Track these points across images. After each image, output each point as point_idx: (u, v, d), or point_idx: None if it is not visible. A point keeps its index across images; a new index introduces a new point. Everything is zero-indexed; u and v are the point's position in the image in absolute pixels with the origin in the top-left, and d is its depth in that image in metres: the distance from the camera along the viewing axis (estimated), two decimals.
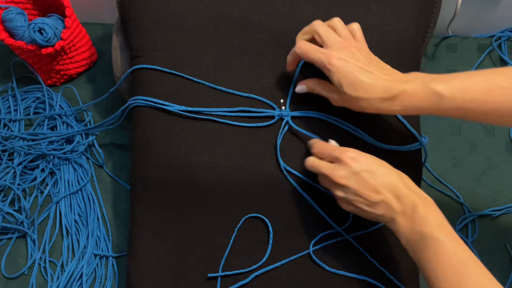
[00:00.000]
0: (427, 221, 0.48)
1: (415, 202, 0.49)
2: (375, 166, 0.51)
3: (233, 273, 0.61)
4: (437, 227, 0.48)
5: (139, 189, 0.63)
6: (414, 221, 0.49)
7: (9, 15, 0.74)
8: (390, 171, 0.52)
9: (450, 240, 0.47)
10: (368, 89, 0.51)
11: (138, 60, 0.65)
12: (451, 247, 0.47)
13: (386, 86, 0.51)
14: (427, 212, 0.49)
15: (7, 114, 0.80)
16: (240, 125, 0.62)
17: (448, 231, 0.48)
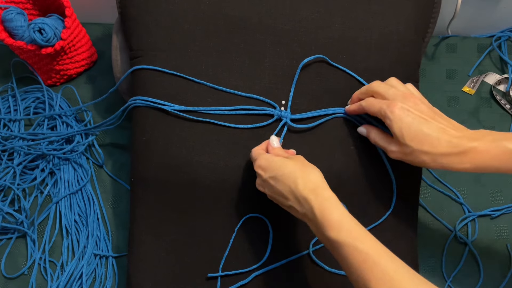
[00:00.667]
0: (329, 225, 0.46)
1: (313, 206, 0.48)
2: (280, 171, 0.51)
3: (233, 273, 0.61)
4: (340, 229, 0.46)
5: (139, 189, 0.63)
6: (318, 226, 0.48)
7: (9, 15, 0.74)
8: (291, 175, 0.50)
9: (353, 240, 0.45)
10: (432, 142, 0.48)
11: (138, 60, 0.65)
12: (362, 249, 0.44)
13: (453, 141, 0.48)
14: (327, 214, 0.47)
15: (7, 114, 0.80)
16: (239, 127, 0.62)
17: (352, 230, 0.46)
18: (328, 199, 0.48)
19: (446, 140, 0.48)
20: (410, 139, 0.49)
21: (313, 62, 0.63)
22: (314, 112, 0.62)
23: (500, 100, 0.80)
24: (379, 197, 0.62)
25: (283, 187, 0.51)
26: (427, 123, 0.49)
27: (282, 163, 0.52)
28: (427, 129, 0.48)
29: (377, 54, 0.63)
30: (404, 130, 0.49)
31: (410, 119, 0.49)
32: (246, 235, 0.62)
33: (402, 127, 0.49)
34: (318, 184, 0.49)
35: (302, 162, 0.53)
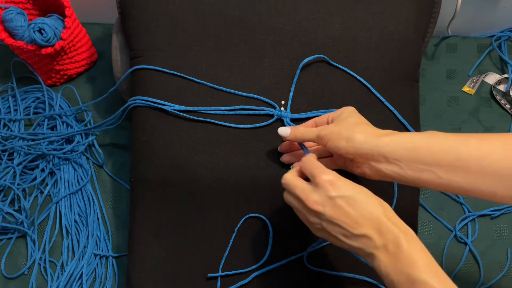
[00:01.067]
0: (415, 262, 0.42)
1: (399, 238, 0.43)
2: (356, 193, 0.45)
3: (233, 273, 0.61)
4: (427, 270, 0.42)
5: (139, 189, 0.63)
6: (399, 261, 0.43)
7: (9, 15, 0.74)
8: (373, 200, 0.46)
9: (443, 286, 0.41)
10: (367, 125, 0.52)
11: (138, 60, 0.65)
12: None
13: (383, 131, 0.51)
14: (413, 250, 0.43)
15: (7, 114, 0.80)
16: (239, 127, 0.62)
17: (439, 275, 0.42)
18: (413, 235, 0.44)
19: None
20: (349, 116, 0.53)
21: (313, 62, 0.63)
22: (314, 112, 0.62)
23: (500, 100, 0.80)
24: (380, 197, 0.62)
25: (361, 211, 0.45)
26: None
27: (355, 185, 0.47)
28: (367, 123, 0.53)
29: (377, 54, 0.63)
30: (346, 112, 0.53)
31: (357, 113, 0.54)
32: (246, 235, 0.62)
33: (346, 110, 0.54)
34: (396, 216, 0.45)
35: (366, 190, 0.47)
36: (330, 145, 0.50)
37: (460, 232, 0.71)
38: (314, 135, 0.53)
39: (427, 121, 0.78)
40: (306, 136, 0.54)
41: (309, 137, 0.54)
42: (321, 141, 0.52)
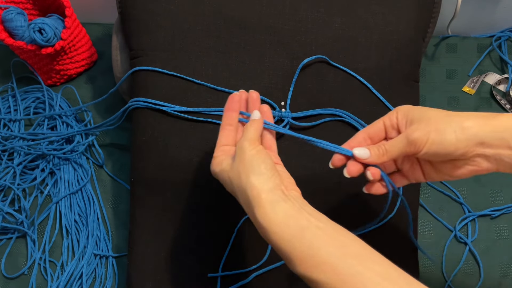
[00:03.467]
0: (266, 224, 0.41)
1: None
2: (230, 189, 0.45)
3: (233, 273, 0.61)
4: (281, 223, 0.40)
5: (139, 189, 0.63)
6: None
7: (9, 15, 0.74)
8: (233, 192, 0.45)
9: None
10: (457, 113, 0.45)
11: (138, 60, 0.65)
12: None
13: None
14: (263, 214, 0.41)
15: (7, 114, 0.80)
16: None
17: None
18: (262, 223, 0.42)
19: None
20: (432, 110, 0.45)
21: (313, 62, 0.63)
22: (315, 111, 0.62)
23: (500, 100, 0.80)
24: (379, 197, 0.62)
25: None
26: None
27: (225, 177, 0.46)
28: None
29: (377, 54, 0.63)
30: (423, 108, 0.45)
31: None
32: (246, 235, 0.62)
33: (420, 108, 0.46)
34: (253, 200, 0.43)
35: (240, 163, 0.44)
36: (431, 146, 0.43)
37: (460, 232, 0.71)
38: (402, 144, 0.44)
39: None
40: (392, 151, 0.45)
41: (396, 150, 0.45)
42: (415, 147, 0.44)
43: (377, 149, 0.46)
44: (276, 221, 0.40)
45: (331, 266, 0.37)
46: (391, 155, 0.45)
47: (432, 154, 0.43)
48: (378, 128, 0.47)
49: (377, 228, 0.62)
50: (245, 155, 0.43)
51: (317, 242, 0.39)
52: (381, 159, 0.46)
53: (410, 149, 0.44)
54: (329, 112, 0.62)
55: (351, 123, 0.62)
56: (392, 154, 0.45)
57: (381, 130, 0.47)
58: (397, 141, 0.45)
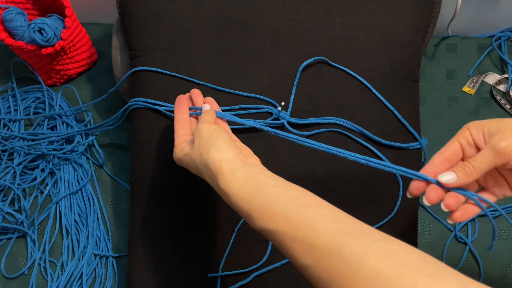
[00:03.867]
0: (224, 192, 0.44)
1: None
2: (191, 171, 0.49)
3: (233, 273, 0.61)
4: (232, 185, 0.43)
5: (139, 189, 0.63)
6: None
7: (9, 15, 0.74)
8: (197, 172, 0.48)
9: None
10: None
11: (138, 60, 0.65)
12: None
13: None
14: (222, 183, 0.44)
15: (7, 114, 0.80)
16: (237, 127, 0.62)
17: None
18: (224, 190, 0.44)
19: None
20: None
21: (313, 62, 0.63)
22: (313, 120, 0.62)
23: (500, 100, 0.80)
24: (380, 198, 0.62)
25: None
26: None
27: (187, 160, 0.49)
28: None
29: (377, 54, 0.63)
30: (502, 120, 0.44)
31: None
32: (246, 235, 0.62)
33: (497, 120, 0.44)
34: (217, 171, 0.45)
35: (199, 143, 0.48)
36: None
37: (460, 232, 0.71)
38: (490, 157, 0.43)
39: (427, 121, 0.78)
40: (480, 167, 0.43)
41: (484, 165, 0.43)
42: (504, 157, 0.42)
43: (463, 169, 0.44)
44: (237, 185, 0.43)
45: (284, 215, 0.40)
46: (480, 171, 0.43)
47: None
48: (455, 149, 0.46)
49: (377, 228, 0.62)
50: (202, 134, 0.47)
51: (273, 197, 0.42)
52: (471, 178, 0.43)
53: (499, 160, 0.42)
54: (328, 121, 0.62)
55: (348, 135, 0.62)
56: (480, 170, 0.43)
57: (458, 150, 0.46)
58: (483, 155, 0.43)
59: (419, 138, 0.63)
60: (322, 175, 0.61)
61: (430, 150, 0.76)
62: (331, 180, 0.60)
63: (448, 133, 0.78)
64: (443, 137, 0.78)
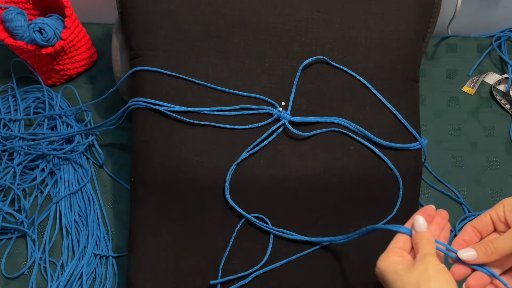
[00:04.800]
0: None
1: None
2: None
3: (234, 277, 0.61)
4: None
5: (139, 189, 0.63)
6: None
7: (9, 15, 0.74)
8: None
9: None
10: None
11: (138, 60, 0.65)
12: None
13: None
14: None
15: (7, 114, 0.80)
16: (237, 128, 0.62)
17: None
18: None
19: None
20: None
21: (313, 62, 0.63)
22: (314, 118, 0.62)
23: (500, 100, 0.80)
24: (380, 198, 0.62)
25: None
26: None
27: (402, 277, 0.43)
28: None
29: (377, 54, 0.63)
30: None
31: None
32: (246, 236, 0.62)
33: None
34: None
35: (422, 274, 0.42)
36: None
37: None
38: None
39: (427, 121, 0.79)
40: (501, 248, 0.43)
41: (505, 247, 0.43)
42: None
43: (484, 247, 0.43)
44: None
45: None
46: (500, 253, 0.43)
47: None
48: (485, 223, 0.46)
49: (377, 229, 0.62)
50: (429, 267, 0.42)
51: None
52: (490, 258, 0.43)
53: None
54: (329, 120, 0.62)
55: (349, 134, 0.62)
56: (501, 252, 0.43)
57: (488, 224, 0.46)
58: (505, 239, 0.43)
59: (419, 138, 0.63)
60: (322, 175, 0.61)
61: (430, 150, 0.76)
62: (331, 180, 0.60)
63: (448, 133, 0.78)
64: (443, 137, 0.78)
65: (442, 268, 0.42)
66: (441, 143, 0.77)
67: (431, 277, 0.41)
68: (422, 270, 0.42)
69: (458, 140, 0.77)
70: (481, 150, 0.76)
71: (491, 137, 0.77)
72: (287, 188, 0.61)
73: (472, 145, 0.77)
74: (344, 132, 0.62)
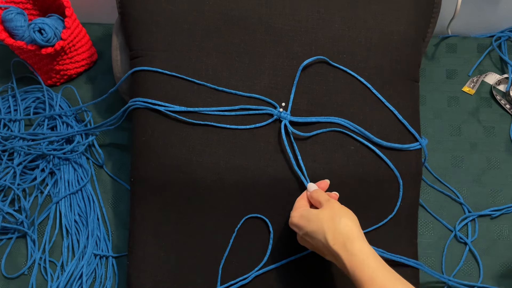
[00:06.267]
0: (359, 282, 0.48)
1: (343, 261, 0.49)
2: (310, 227, 0.52)
3: (236, 281, 0.61)
4: (370, 286, 0.47)
5: (139, 189, 0.63)
6: (352, 280, 0.49)
7: (9, 15, 0.74)
8: (320, 230, 0.51)
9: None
10: None
11: (138, 60, 0.65)
12: None
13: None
14: (355, 271, 0.48)
15: (7, 114, 0.80)
16: (238, 128, 0.62)
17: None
18: (358, 255, 0.48)
19: None
20: None
21: (313, 62, 0.63)
22: (314, 118, 0.61)
23: (500, 100, 0.80)
24: (379, 198, 0.62)
25: (317, 243, 0.52)
26: None
27: (311, 217, 0.53)
28: None
29: (377, 54, 0.63)
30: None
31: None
32: (246, 235, 0.62)
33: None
34: (348, 236, 0.50)
35: (332, 211, 0.52)
36: None
37: (460, 232, 0.71)
38: None
39: (427, 121, 0.79)
40: None
41: None
42: None
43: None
44: (366, 250, 0.49)
45: None
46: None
47: None
48: None
49: (377, 228, 0.62)
50: (335, 205, 0.53)
51: (384, 275, 0.48)
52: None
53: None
54: (329, 120, 0.62)
55: (349, 134, 0.62)
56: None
57: None
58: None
59: (419, 138, 0.63)
60: (322, 175, 0.61)
61: (430, 150, 0.76)
62: (331, 180, 0.60)
63: (448, 133, 0.78)
64: (443, 137, 0.78)
65: (342, 205, 0.54)
66: (441, 143, 0.77)
67: (340, 210, 0.52)
68: (330, 207, 0.52)
69: (458, 140, 0.77)
70: (481, 150, 0.76)
71: (491, 137, 0.77)
72: (287, 188, 0.61)
73: (472, 145, 0.77)
74: (344, 132, 0.62)
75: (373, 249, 0.50)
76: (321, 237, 0.51)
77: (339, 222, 0.50)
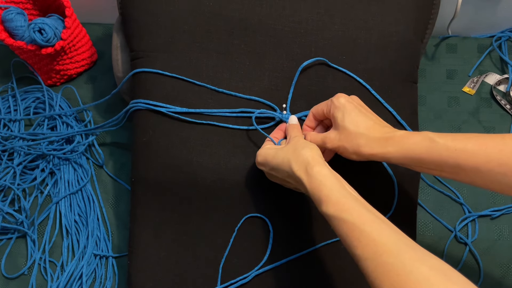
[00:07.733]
0: (318, 201, 0.49)
1: (304, 185, 0.51)
2: (275, 161, 0.55)
3: (236, 280, 0.61)
4: (326, 203, 0.48)
5: (140, 190, 0.63)
6: (314, 202, 0.50)
7: (9, 15, 0.74)
8: (285, 160, 0.53)
9: (341, 212, 0.47)
10: (368, 127, 0.54)
11: (138, 61, 0.65)
12: (348, 219, 0.46)
13: (383, 129, 0.54)
14: (314, 191, 0.50)
15: (7, 114, 0.80)
16: (239, 128, 0.62)
17: (338, 203, 0.48)
18: (316, 176, 0.50)
19: (378, 127, 0.54)
20: (350, 121, 0.54)
21: (312, 63, 0.63)
22: None
23: (500, 100, 0.80)
24: (379, 198, 0.62)
25: (282, 174, 0.54)
26: (365, 114, 0.55)
27: (275, 152, 0.55)
28: (365, 117, 0.55)
29: (376, 55, 0.63)
30: (346, 114, 0.55)
31: (352, 107, 0.55)
32: (246, 235, 0.62)
33: (345, 112, 0.55)
34: (309, 161, 0.51)
35: (295, 144, 0.54)
36: (340, 153, 0.56)
37: (460, 232, 0.71)
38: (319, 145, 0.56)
39: (427, 121, 0.78)
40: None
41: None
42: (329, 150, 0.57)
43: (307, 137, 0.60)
44: (324, 173, 0.50)
45: (359, 212, 0.47)
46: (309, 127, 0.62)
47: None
48: (319, 111, 0.60)
49: None
50: (300, 140, 0.56)
51: (351, 196, 0.49)
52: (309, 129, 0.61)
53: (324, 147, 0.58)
54: None
55: None
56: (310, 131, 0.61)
57: (321, 113, 0.60)
58: (317, 140, 0.58)
59: None
60: None
61: None
62: None
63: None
64: None
65: (307, 141, 0.57)
66: None
67: (302, 142, 0.54)
68: (295, 142, 0.55)
69: None
70: None
71: None
72: (287, 188, 0.61)
73: None
74: None
75: (336, 173, 0.51)
76: (286, 168, 0.53)
77: (301, 151, 0.52)
